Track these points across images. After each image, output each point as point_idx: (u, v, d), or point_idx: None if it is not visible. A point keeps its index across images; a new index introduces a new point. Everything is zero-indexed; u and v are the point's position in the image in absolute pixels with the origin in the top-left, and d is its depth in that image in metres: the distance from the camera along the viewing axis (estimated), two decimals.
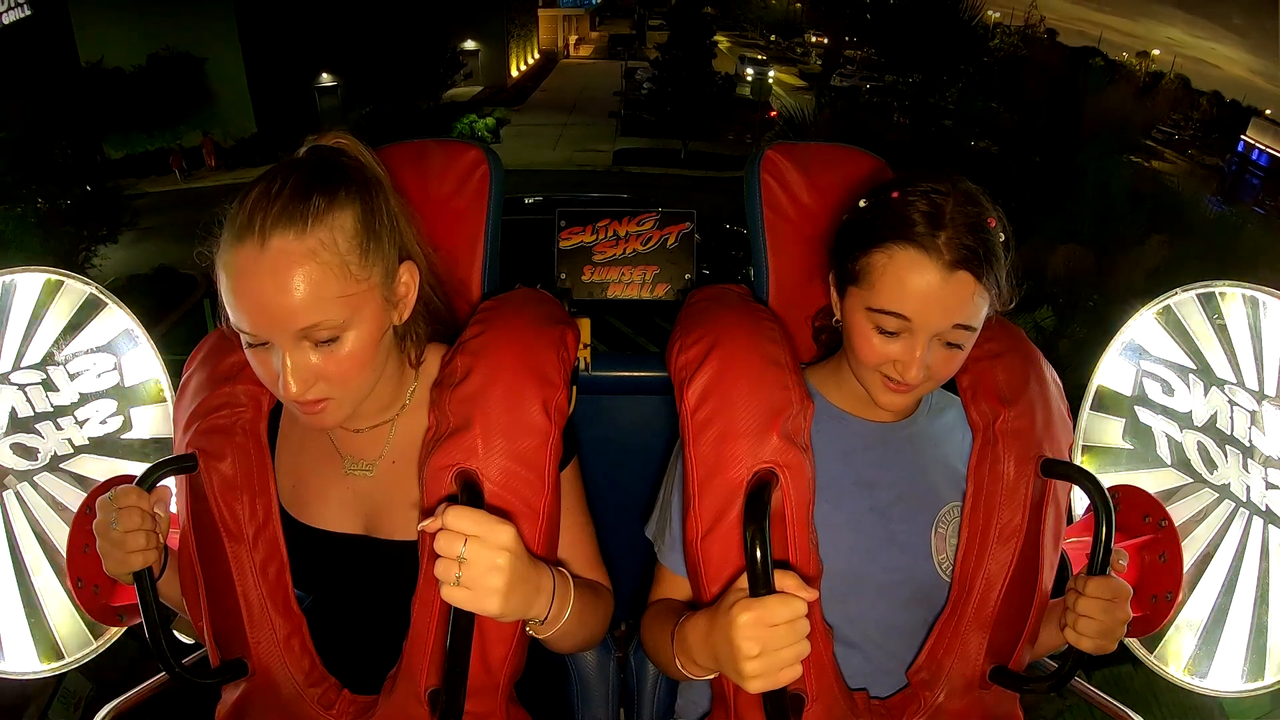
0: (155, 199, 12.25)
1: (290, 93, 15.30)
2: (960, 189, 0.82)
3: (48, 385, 1.08)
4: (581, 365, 1.15)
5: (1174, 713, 1.33)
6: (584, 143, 16.96)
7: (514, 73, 23.31)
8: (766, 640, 0.70)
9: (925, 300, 0.80)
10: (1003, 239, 0.82)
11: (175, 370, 1.01)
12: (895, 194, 0.83)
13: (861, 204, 0.86)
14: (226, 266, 0.74)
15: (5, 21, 11.19)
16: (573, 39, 30.34)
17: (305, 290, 0.72)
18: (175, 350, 1.14)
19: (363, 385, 0.81)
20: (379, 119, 14.80)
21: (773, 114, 17.81)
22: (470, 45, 20.57)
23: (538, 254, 1.32)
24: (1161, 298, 1.09)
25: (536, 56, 26.66)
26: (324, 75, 16.22)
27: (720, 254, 6.92)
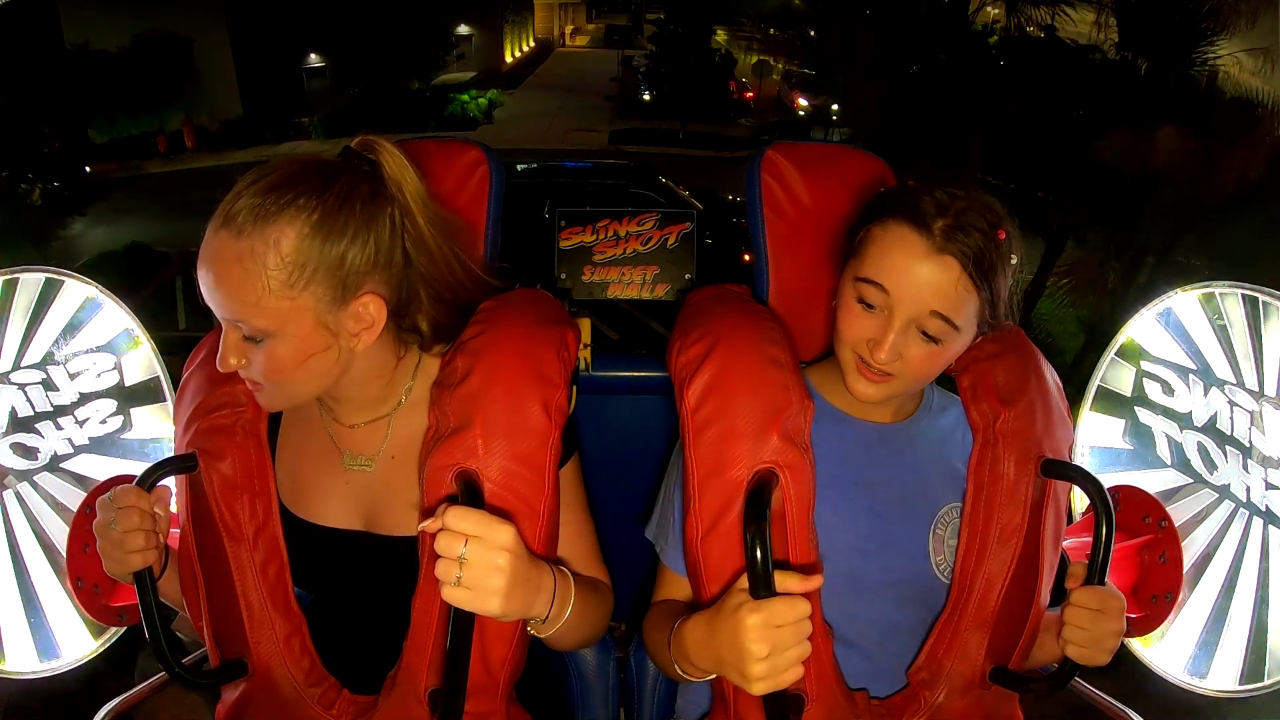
0: (136, 181, 12.15)
1: (277, 74, 14.86)
2: (977, 197, 0.82)
3: (48, 385, 1.08)
4: (581, 365, 1.15)
5: None
6: (579, 124, 16.48)
7: (508, 59, 23.07)
8: (774, 641, 0.70)
9: (906, 276, 0.81)
10: (1014, 259, 0.83)
11: (175, 370, 1.01)
12: (912, 182, 0.85)
13: (881, 190, 0.89)
14: None
15: None
16: (569, 28, 30.11)
17: (228, 288, 0.75)
18: (146, 324, 1.14)
19: (293, 390, 0.81)
20: (368, 101, 14.47)
21: (749, 95, 16.79)
22: (464, 30, 20.23)
23: (529, 221, 1.32)
24: (1161, 298, 1.09)
25: (532, 44, 26.39)
26: (312, 56, 15.61)
27: (722, 222, 7.09)
